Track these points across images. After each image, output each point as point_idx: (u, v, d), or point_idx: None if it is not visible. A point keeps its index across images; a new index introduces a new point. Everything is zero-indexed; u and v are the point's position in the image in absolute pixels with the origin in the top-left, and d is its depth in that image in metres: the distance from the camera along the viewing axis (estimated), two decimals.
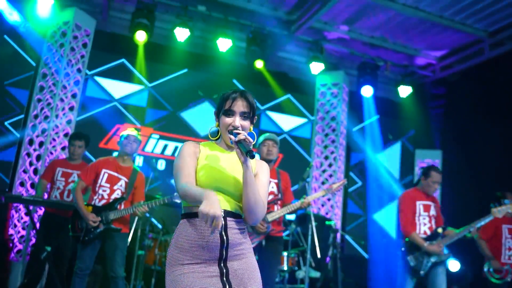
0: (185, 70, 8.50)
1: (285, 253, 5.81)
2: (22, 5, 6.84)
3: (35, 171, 6.64)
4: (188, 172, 2.24)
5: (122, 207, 4.66)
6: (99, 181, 4.65)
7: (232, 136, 2.20)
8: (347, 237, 8.81)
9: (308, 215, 5.53)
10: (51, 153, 6.73)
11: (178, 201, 4.44)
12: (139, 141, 4.85)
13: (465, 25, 7.45)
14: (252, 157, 2.10)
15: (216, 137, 2.40)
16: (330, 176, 8.38)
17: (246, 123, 2.31)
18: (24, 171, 6.66)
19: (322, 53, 8.09)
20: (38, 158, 6.69)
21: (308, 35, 8.07)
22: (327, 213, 8.16)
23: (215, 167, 2.27)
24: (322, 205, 8.28)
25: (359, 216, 9.19)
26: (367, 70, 8.43)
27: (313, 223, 5.37)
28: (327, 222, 7.04)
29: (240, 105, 2.30)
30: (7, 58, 7.34)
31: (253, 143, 2.18)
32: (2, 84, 7.31)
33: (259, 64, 7.72)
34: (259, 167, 2.40)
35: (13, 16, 6.79)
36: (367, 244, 8.84)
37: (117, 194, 4.69)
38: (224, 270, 2.17)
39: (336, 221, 8.05)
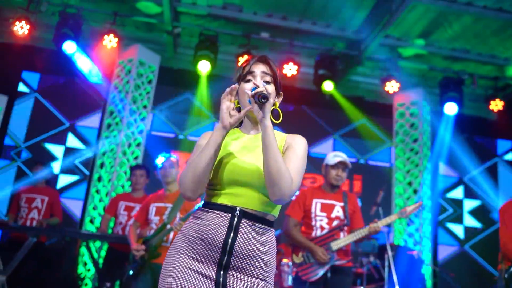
0: None
1: None
2: (88, 46, 7.06)
3: (104, 208, 6.64)
4: None
5: None
6: (150, 216, 4.50)
7: (249, 92, 1.87)
8: (440, 271, 7.81)
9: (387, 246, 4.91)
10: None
11: None
12: (174, 163, 4.60)
13: None
14: (265, 97, 1.77)
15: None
16: None
17: (271, 88, 1.99)
18: (93, 208, 6.69)
19: (397, 71, 7.51)
20: (107, 194, 6.71)
21: (380, 54, 7.54)
22: (415, 245, 7.32)
23: (230, 157, 1.92)
24: (409, 236, 7.46)
25: (452, 248, 8.16)
26: (450, 86, 7.60)
27: (389, 253, 4.72)
28: (408, 253, 6.25)
29: (260, 66, 2.02)
30: (77, 98, 7.58)
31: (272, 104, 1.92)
32: (73, 124, 7.54)
33: (328, 86, 7.27)
34: (292, 139, 2.02)
35: (81, 58, 7.02)
36: (462, 280, 7.74)
37: None
38: (221, 280, 1.78)
39: (426, 253, 7.20)
